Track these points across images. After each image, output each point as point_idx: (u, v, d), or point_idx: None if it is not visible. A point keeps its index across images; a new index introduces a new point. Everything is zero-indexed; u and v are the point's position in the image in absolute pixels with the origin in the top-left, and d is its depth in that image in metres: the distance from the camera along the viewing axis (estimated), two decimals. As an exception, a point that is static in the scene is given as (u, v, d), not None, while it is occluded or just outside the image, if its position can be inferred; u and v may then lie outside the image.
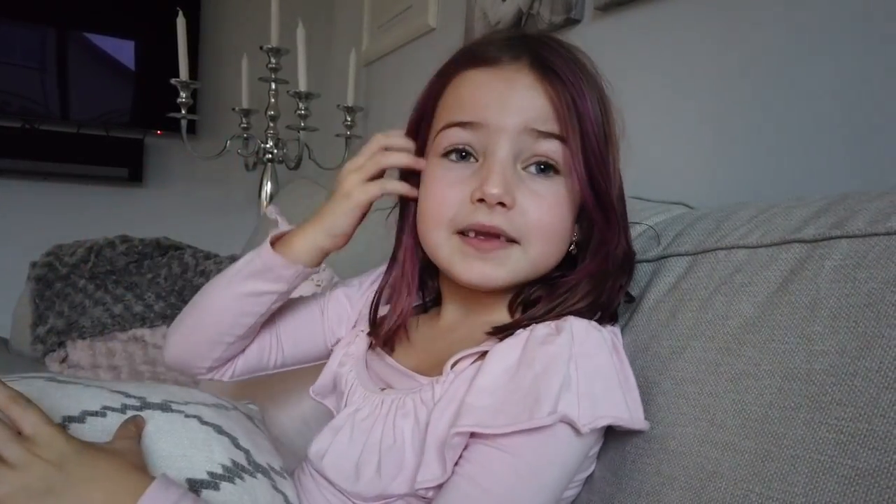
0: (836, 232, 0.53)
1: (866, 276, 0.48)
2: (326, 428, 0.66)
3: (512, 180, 0.58)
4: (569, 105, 0.56)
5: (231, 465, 0.57)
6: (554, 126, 0.57)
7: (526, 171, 0.59)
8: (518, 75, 0.58)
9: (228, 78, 2.29)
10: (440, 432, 0.55)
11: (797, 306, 0.52)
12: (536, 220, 0.58)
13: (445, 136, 0.60)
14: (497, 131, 0.57)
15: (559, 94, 0.56)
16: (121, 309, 1.54)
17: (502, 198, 0.56)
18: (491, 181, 0.56)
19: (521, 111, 0.57)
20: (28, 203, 2.32)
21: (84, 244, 1.62)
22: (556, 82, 0.57)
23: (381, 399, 0.62)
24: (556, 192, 0.59)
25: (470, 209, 0.58)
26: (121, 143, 2.38)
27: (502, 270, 0.60)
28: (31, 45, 2.25)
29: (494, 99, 0.58)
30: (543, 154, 0.58)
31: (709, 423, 0.53)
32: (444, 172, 0.61)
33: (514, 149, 0.58)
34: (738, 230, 0.62)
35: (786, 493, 0.46)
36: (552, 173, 0.59)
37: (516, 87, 0.58)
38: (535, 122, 0.57)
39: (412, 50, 1.85)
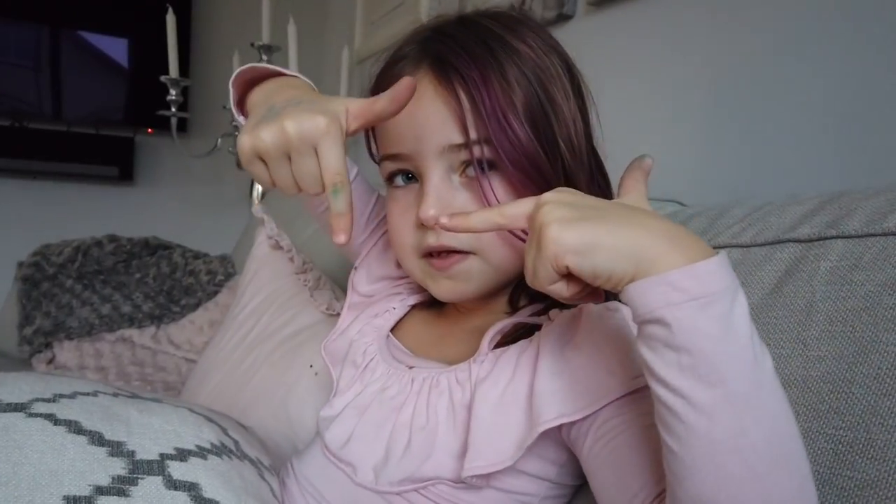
0: (831, 232, 0.51)
1: (863, 279, 0.47)
2: (347, 407, 0.63)
3: (447, 195, 0.57)
4: (472, 103, 0.54)
5: (219, 445, 0.56)
6: (473, 131, 0.55)
7: (464, 176, 0.57)
8: (422, 88, 0.56)
9: (220, 75, 2.26)
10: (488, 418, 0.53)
11: (793, 309, 0.50)
12: None
13: (384, 167, 0.61)
14: (420, 157, 0.57)
15: (459, 97, 0.54)
16: (109, 309, 1.52)
17: (437, 219, 0.54)
18: (425, 205, 0.56)
19: (433, 131, 0.56)
20: (16, 202, 2.30)
21: (71, 244, 1.60)
22: (456, 81, 0.54)
23: (410, 377, 0.60)
24: (499, 190, 0.56)
25: (420, 234, 0.58)
26: (111, 141, 2.36)
27: (471, 284, 0.59)
28: (24, 43, 2.24)
29: (408, 126, 0.57)
30: (470, 159, 0.56)
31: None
32: (393, 203, 0.61)
33: (444, 166, 0.57)
34: (731, 228, 0.61)
35: None
36: (491, 170, 0.56)
37: (422, 104, 0.56)
38: (449, 136, 0.55)
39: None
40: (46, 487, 0.45)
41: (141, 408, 0.55)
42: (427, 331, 0.68)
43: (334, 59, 2.12)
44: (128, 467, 0.48)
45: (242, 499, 0.52)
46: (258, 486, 0.56)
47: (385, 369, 0.63)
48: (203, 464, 0.52)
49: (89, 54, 2.32)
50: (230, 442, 0.58)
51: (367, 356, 0.66)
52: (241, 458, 0.57)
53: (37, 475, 0.45)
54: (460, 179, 0.58)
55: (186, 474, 0.50)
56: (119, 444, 0.50)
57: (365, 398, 0.62)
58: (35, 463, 0.46)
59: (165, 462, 0.50)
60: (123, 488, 0.47)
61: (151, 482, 0.48)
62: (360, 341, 0.68)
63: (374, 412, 0.61)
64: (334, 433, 0.62)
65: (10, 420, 0.48)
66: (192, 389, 1.17)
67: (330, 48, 2.44)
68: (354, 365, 0.66)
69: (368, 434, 0.60)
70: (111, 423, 0.51)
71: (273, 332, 1.07)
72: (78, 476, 0.46)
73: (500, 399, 0.54)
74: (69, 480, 0.45)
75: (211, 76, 2.40)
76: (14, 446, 0.46)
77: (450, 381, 0.58)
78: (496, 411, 0.53)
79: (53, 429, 0.48)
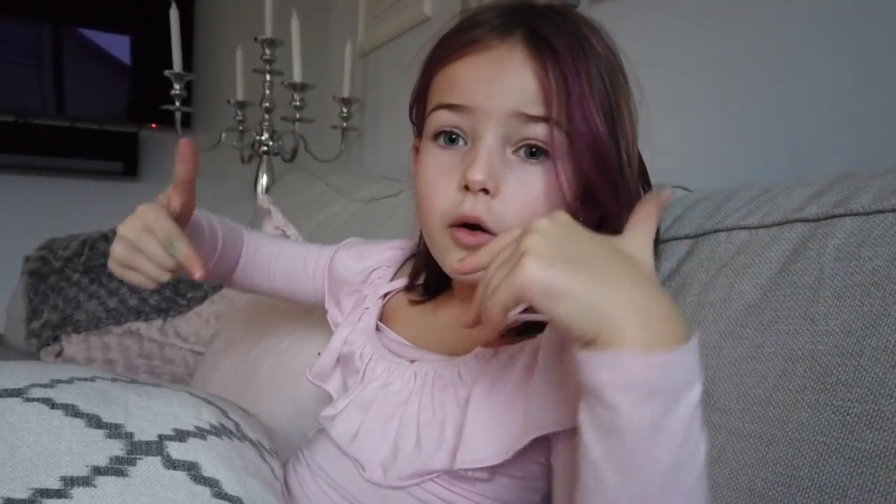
0: (839, 210, 0.52)
1: (871, 254, 0.47)
2: (349, 405, 0.63)
3: (498, 166, 0.55)
4: (558, 83, 0.54)
5: (219, 426, 0.56)
6: (543, 109, 0.54)
7: (516, 154, 0.56)
8: (510, 54, 0.55)
9: (223, 70, 2.27)
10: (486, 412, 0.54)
11: (800, 286, 0.51)
12: (519, 210, 0.55)
13: (435, 118, 0.59)
14: (485, 115, 0.55)
15: (549, 73, 0.54)
16: (115, 302, 1.52)
17: (485, 184, 0.54)
18: (475, 167, 0.54)
19: (510, 95, 0.55)
20: (22, 198, 2.31)
21: (77, 237, 1.60)
22: (548, 58, 0.54)
23: (412, 371, 0.60)
24: (545, 178, 0.56)
25: (458, 199, 0.56)
26: (115, 136, 2.36)
27: None
28: (26, 41, 2.24)
29: (483, 82, 0.55)
30: (533, 138, 0.55)
31: (712, 409, 0.52)
32: (434, 160, 0.59)
33: (502, 133, 0.55)
34: (738, 211, 0.61)
35: (791, 476, 0.45)
36: (542, 157, 0.56)
37: (506, 68, 0.55)
38: (524, 105, 0.54)
39: (408, 40, 1.84)
40: (44, 468, 0.45)
41: (139, 392, 0.55)
42: (427, 321, 0.68)
43: (338, 53, 2.13)
44: (126, 448, 0.48)
45: (242, 477, 0.52)
46: (259, 467, 0.56)
47: (385, 366, 0.63)
48: (202, 444, 0.52)
49: (91, 51, 2.33)
50: (231, 424, 0.58)
51: (365, 358, 0.66)
52: (241, 439, 0.57)
53: (34, 457, 0.45)
54: (512, 155, 0.56)
55: (185, 454, 0.50)
56: (117, 426, 0.50)
57: (368, 394, 0.62)
58: (32, 445, 0.46)
59: (164, 443, 0.50)
60: (122, 468, 0.47)
61: (150, 462, 0.48)
62: (352, 348, 0.68)
63: (378, 408, 0.61)
64: (340, 429, 0.62)
65: (7, 404, 0.48)
66: (200, 380, 1.18)
67: (333, 42, 2.45)
68: (355, 371, 0.66)
69: (375, 430, 0.60)
70: (109, 406, 0.51)
71: (279, 323, 1.08)
72: (76, 457, 0.46)
73: (497, 398, 0.54)
74: (67, 461, 0.46)
75: (214, 71, 2.40)
76: (10, 430, 0.46)
77: (452, 376, 0.58)
78: (492, 409, 0.54)
79: (50, 412, 0.49)
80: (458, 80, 0.57)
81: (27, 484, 0.43)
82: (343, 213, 1.49)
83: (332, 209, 1.55)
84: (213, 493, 0.49)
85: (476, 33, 0.56)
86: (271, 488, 0.55)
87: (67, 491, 0.44)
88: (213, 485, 0.50)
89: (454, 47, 0.58)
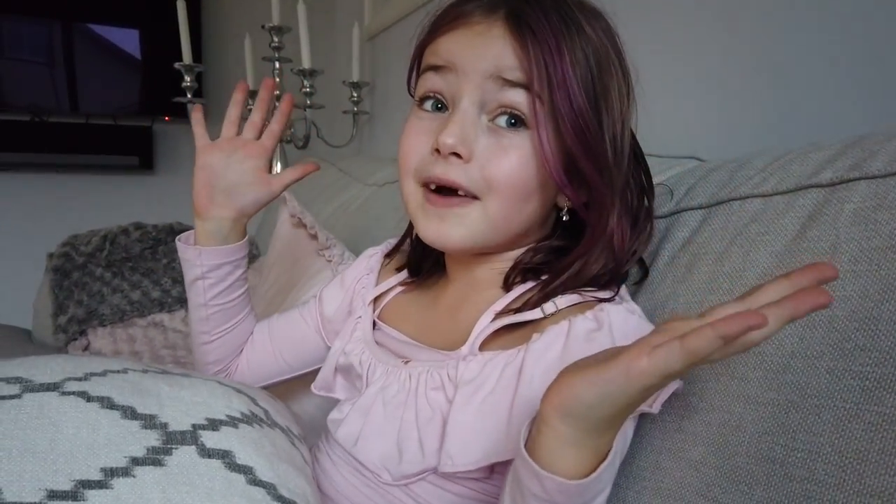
0: (854, 174, 0.51)
1: (887, 218, 0.47)
2: (351, 410, 0.64)
3: (471, 131, 0.56)
4: (538, 63, 0.54)
5: (250, 414, 0.57)
6: (522, 76, 0.55)
7: (493, 122, 0.57)
8: (491, 28, 0.56)
9: (233, 60, 2.27)
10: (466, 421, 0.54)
11: (816, 253, 0.50)
12: (496, 174, 0.56)
13: (422, 81, 0.60)
14: (464, 76, 0.56)
15: (527, 49, 0.54)
16: (139, 295, 1.55)
17: (456, 148, 0.55)
18: (447, 130, 0.55)
19: (488, 58, 0.55)
20: (42, 195, 2.34)
21: (98, 233, 1.63)
22: (528, 39, 0.54)
23: (407, 373, 0.61)
24: (521, 146, 0.56)
25: (430, 160, 0.58)
26: (130, 131, 2.39)
27: (460, 229, 0.58)
28: (37, 39, 2.26)
29: (464, 46, 0.57)
30: (509, 104, 0.56)
31: (730, 377, 0.52)
32: (416, 122, 0.60)
33: (479, 97, 0.56)
34: (752, 179, 0.61)
35: (811, 443, 0.45)
36: (522, 128, 0.56)
37: (487, 36, 0.56)
38: (503, 70, 0.55)
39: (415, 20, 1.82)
40: (84, 460, 0.46)
41: (171, 382, 0.56)
42: (425, 313, 0.69)
43: (345, 38, 2.12)
44: (161, 438, 0.49)
45: (275, 463, 0.53)
46: (290, 453, 0.57)
47: (383, 369, 0.64)
48: (235, 432, 0.53)
49: (102, 47, 2.34)
50: (260, 411, 0.59)
51: (365, 364, 0.66)
52: (271, 426, 0.58)
53: (73, 449, 0.46)
54: (488, 123, 0.57)
55: (219, 443, 0.51)
56: (152, 416, 0.51)
57: (367, 399, 0.63)
58: (71, 438, 0.47)
59: (198, 432, 0.51)
60: (159, 458, 0.48)
61: (186, 451, 0.49)
62: (349, 358, 0.69)
63: (378, 411, 0.61)
64: (343, 433, 0.64)
65: (45, 399, 0.49)
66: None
67: (340, 26, 2.44)
68: (358, 377, 0.67)
69: (375, 433, 0.61)
70: (143, 398, 0.52)
71: (300, 309, 1.09)
72: (114, 448, 0.47)
73: (480, 407, 0.55)
74: (105, 453, 0.46)
75: (224, 61, 2.41)
76: (49, 423, 0.47)
77: (442, 377, 0.58)
78: (474, 417, 0.54)
79: (87, 405, 0.50)
80: (442, 47, 0.58)
81: (69, 476, 0.44)
82: (357, 197, 1.49)
83: (346, 195, 1.56)
84: (247, 480, 0.50)
85: (464, 9, 0.58)
86: (302, 473, 0.56)
87: (108, 482, 0.45)
88: (248, 472, 0.50)
89: (443, 22, 0.59)
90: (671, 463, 0.54)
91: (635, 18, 1.03)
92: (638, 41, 0.60)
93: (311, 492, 0.55)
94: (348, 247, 1.16)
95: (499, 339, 0.58)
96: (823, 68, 0.78)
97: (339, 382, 0.71)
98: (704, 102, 0.95)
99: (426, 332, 0.66)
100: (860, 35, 0.74)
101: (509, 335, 0.58)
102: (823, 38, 0.78)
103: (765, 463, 0.47)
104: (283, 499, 0.51)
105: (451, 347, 0.60)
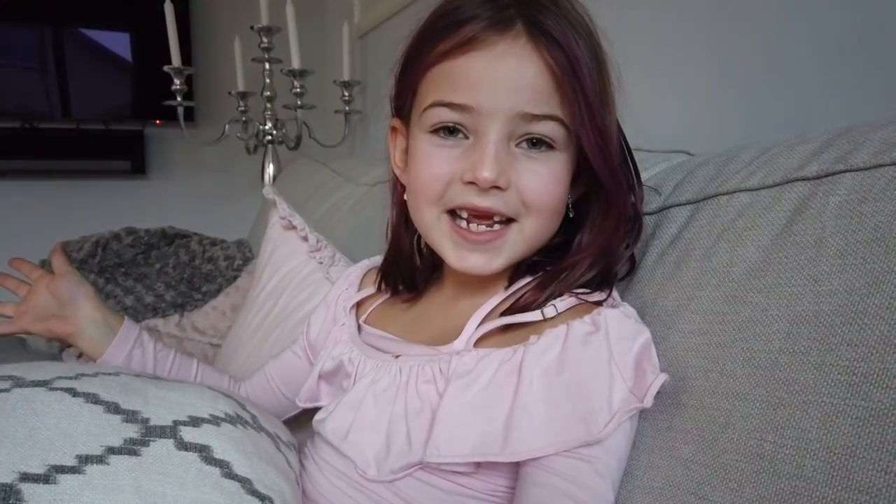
0: (839, 166, 0.51)
1: (872, 210, 0.46)
2: (340, 405, 0.63)
3: (505, 161, 0.55)
4: (568, 75, 0.53)
5: (234, 415, 0.57)
6: (550, 107, 0.54)
7: (519, 147, 0.56)
8: (513, 48, 0.53)
9: (222, 61, 2.27)
10: (456, 413, 0.54)
11: (802, 247, 0.50)
12: (532, 197, 0.56)
13: (434, 113, 0.57)
14: (488, 115, 0.54)
15: (558, 64, 0.53)
16: (132, 301, 1.54)
17: (496, 182, 0.54)
18: (484, 165, 0.54)
19: (514, 93, 0.54)
20: (33, 202, 2.33)
21: (90, 239, 1.62)
22: (554, 49, 0.53)
23: (398, 367, 0.61)
24: (553, 166, 0.56)
25: (460, 188, 0.56)
26: (121, 135, 2.38)
27: (500, 259, 0.58)
28: (28, 44, 2.25)
29: (487, 82, 0.54)
30: (539, 134, 0.55)
31: (719, 374, 0.52)
32: (434, 149, 0.58)
33: (505, 130, 0.55)
34: (739, 174, 0.60)
35: (799, 439, 0.45)
36: (546, 149, 0.56)
37: (510, 63, 0.53)
38: (528, 104, 0.54)
39: (406, 18, 1.81)
40: (60, 448, 0.47)
41: (159, 385, 0.57)
42: (414, 313, 0.69)
43: (335, 37, 2.11)
44: (141, 431, 0.50)
45: (254, 461, 0.53)
46: (273, 455, 0.57)
47: (373, 363, 0.64)
48: (215, 430, 0.54)
49: (92, 51, 2.33)
50: (247, 415, 0.59)
51: (354, 361, 0.66)
52: (257, 429, 0.58)
53: (52, 437, 0.47)
54: (516, 149, 0.56)
55: (198, 438, 0.52)
56: (134, 412, 0.51)
57: (357, 392, 0.63)
58: (51, 427, 0.48)
59: (178, 427, 0.52)
60: (135, 448, 0.48)
61: (162, 444, 0.50)
62: (336, 362, 0.68)
63: (368, 405, 0.61)
64: (331, 428, 0.63)
65: (32, 392, 0.50)
66: (218, 372, 1.19)
67: (330, 25, 2.43)
68: (347, 376, 0.67)
69: (366, 426, 0.60)
70: (128, 396, 0.53)
71: (292, 311, 1.08)
72: (91, 438, 0.48)
73: (472, 401, 0.54)
74: (83, 441, 0.47)
75: (214, 63, 2.40)
76: (32, 413, 0.48)
77: (434, 370, 0.58)
78: (465, 410, 0.54)
79: (72, 399, 0.51)
80: (460, 78, 0.55)
81: (43, 461, 0.45)
82: (350, 197, 1.49)
83: (339, 195, 1.55)
84: (222, 474, 0.50)
85: (472, 28, 0.54)
86: (284, 475, 0.56)
87: (81, 468, 0.46)
88: (224, 466, 0.51)
89: (450, 43, 0.55)
90: (661, 461, 0.54)
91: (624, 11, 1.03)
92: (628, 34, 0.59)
93: (289, 491, 0.55)
94: (341, 247, 1.16)
95: (494, 337, 0.58)
96: (811, 59, 0.77)
97: (324, 389, 0.71)
98: (693, 96, 0.94)
99: (414, 331, 0.66)
100: (848, 26, 0.73)
101: (505, 334, 0.58)
102: (812, 30, 0.77)
103: (754, 460, 0.47)
104: (258, 493, 0.51)
105: (442, 342, 0.60)
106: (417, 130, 0.60)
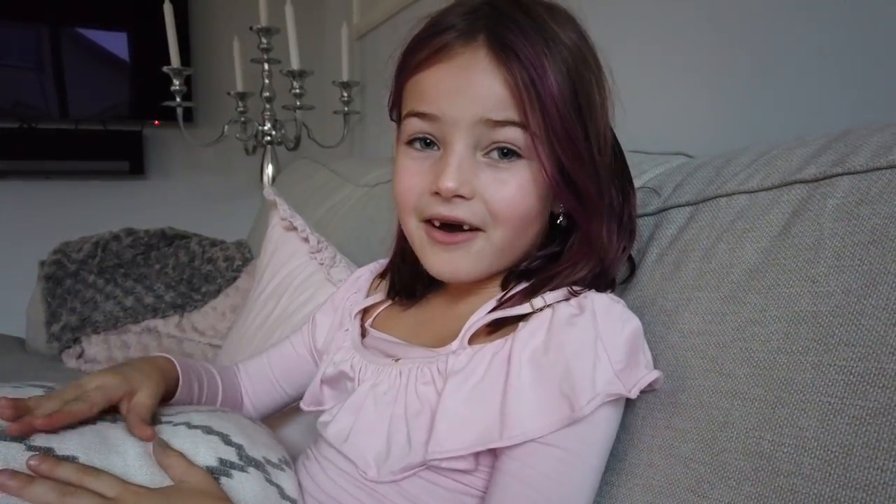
0: (837, 169, 0.52)
1: (869, 212, 0.47)
2: (342, 408, 0.64)
3: (469, 171, 0.56)
4: (528, 87, 0.53)
5: (217, 465, 0.57)
6: (511, 113, 0.55)
7: (488, 156, 0.57)
8: (474, 60, 0.55)
9: (221, 62, 2.27)
10: (455, 405, 0.55)
11: (800, 248, 0.51)
12: (499, 207, 0.57)
13: (408, 124, 0.59)
14: (452, 124, 0.56)
15: (516, 78, 0.54)
16: (132, 301, 1.54)
17: (458, 191, 0.56)
18: (446, 175, 0.55)
19: (476, 101, 0.55)
20: (32, 203, 2.33)
21: (90, 240, 1.62)
22: (513, 63, 0.54)
23: (398, 370, 0.62)
24: (520, 176, 0.57)
25: (429, 199, 0.58)
26: (120, 136, 2.38)
27: (468, 261, 0.59)
28: (25, 44, 2.25)
29: (449, 91, 0.56)
30: (503, 141, 0.56)
31: (718, 374, 0.53)
32: (409, 162, 0.60)
33: (470, 139, 0.56)
34: (738, 176, 0.61)
35: (797, 437, 0.46)
36: (514, 158, 0.57)
37: (472, 73, 0.55)
38: (491, 111, 0.55)
39: (404, 18, 1.82)
40: None
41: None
42: (418, 317, 0.70)
43: (334, 38, 2.12)
44: None
45: None
46: (263, 497, 0.58)
47: (375, 368, 0.65)
48: None
49: (90, 51, 2.33)
50: (232, 452, 0.60)
51: (356, 367, 0.67)
52: (243, 467, 0.59)
53: None
54: (483, 158, 0.57)
55: None
56: None
57: (359, 396, 0.64)
58: None
59: None
60: None
61: None
62: (339, 367, 0.69)
63: (369, 408, 0.62)
64: (332, 431, 0.64)
65: None
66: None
67: (329, 26, 2.43)
68: (350, 382, 0.68)
69: (366, 429, 0.61)
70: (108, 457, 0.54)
71: (293, 312, 1.09)
72: None
73: (470, 395, 0.55)
74: None
75: (213, 63, 2.41)
76: None
77: (432, 371, 0.59)
78: (464, 405, 0.55)
79: None
80: (427, 89, 0.57)
81: None
82: (349, 198, 1.49)
83: (338, 196, 1.56)
84: None
85: (443, 39, 0.56)
86: None
87: None
88: None
89: (423, 54, 0.57)
90: (661, 459, 0.54)
91: (622, 14, 1.03)
92: (627, 38, 0.60)
93: None
94: (342, 248, 1.16)
95: (488, 335, 0.59)
96: (810, 63, 0.78)
97: (327, 393, 0.71)
98: (692, 99, 0.95)
99: (417, 334, 0.67)
100: (846, 29, 0.74)
101: (498, 330, 0.59)
102: (810, 32, 0.78)
103: (753, 458, 0.48)
104: None
105: (442, 345, 0.61)
106: (399, 142, 0.62)
